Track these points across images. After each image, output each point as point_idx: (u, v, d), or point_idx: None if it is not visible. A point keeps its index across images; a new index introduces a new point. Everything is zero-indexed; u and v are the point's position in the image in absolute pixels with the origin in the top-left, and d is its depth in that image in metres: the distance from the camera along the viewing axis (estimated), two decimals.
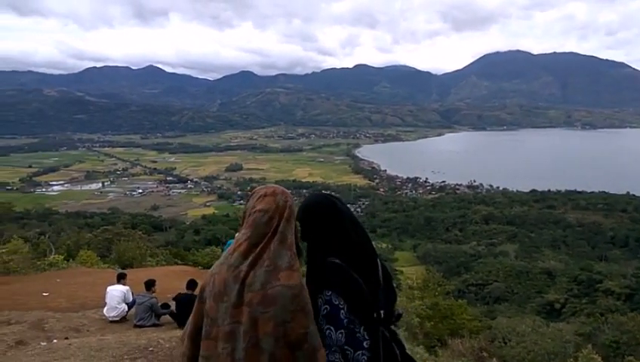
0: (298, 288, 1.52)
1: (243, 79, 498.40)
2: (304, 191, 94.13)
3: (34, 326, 7.97)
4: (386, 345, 1.79)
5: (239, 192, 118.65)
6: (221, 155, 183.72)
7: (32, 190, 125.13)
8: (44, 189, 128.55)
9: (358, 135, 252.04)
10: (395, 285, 2.01)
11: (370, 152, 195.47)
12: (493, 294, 42.95)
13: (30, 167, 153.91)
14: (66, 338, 7.45)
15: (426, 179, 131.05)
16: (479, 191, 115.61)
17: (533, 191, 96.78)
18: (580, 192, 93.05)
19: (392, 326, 1.91)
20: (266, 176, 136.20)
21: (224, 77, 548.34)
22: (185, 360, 1.67)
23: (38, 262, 17.74)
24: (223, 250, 14.92)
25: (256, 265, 1.52)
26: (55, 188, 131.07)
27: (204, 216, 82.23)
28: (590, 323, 18.18)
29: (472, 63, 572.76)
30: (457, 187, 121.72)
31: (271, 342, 1.47)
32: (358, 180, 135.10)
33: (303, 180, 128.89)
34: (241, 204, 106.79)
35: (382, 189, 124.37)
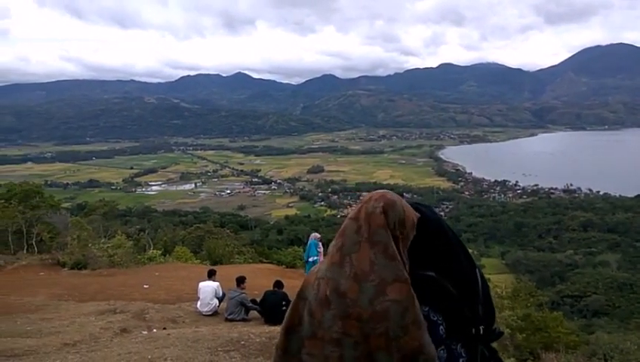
0: (408, 301, 1.42)
1: (325, 83, 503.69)
2: None
3: (136, 315, 8.68)
4: None
5: (320, 194, 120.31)
6: (303, 158, 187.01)
7: (133, 190, 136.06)
8: (144, 189, 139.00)
9: (441, 136, 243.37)
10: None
11: (454, 154, 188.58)
12: (592, 307, 39.65)
13: (132, 168, 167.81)
14: (164, 328, 8.01)
15: (516, 182, 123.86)
16: (577, 195, 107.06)
17: (639, 196, 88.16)
18: None
19: (492, 344, 1.77)
20: (347, 178, 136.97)
21: (307, 81, 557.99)
22: (279, 352, 1.67)
23: (139, 256, 19.35)
24: (304, 251, 15.20)
25: (359, 279, 1.43)
26: (154, 188, 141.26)
27: (286, 217, 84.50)
28: None
29: (568, 59, 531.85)
30: (552, 191, 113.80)
31: (384, 356, 1.41)
32: (442, 183, 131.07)
33: (384, 182, 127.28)
34: (322, 206, 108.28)
35: (467, 192, 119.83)
